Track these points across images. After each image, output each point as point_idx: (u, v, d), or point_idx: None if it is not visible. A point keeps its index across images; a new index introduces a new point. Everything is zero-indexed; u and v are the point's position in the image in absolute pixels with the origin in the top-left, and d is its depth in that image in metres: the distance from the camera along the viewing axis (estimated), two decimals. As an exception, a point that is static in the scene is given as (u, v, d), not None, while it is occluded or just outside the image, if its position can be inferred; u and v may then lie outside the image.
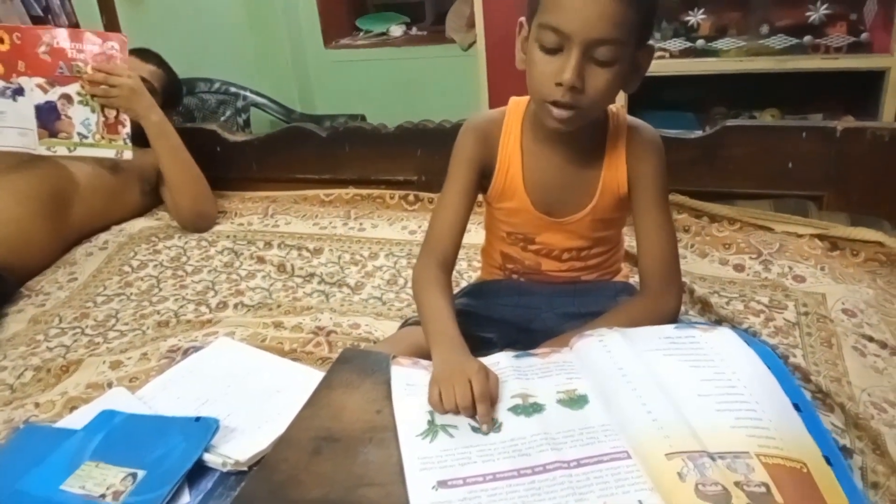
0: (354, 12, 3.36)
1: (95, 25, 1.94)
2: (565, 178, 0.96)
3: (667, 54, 2.13)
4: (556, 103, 0.84)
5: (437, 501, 0.66)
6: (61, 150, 1.57)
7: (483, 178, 1.00)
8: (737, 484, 0.62)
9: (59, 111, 1.54)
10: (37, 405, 1.09)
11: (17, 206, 1.53)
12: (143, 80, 1.75)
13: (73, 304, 1.42)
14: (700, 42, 2.12)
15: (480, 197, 1.05)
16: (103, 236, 1.66)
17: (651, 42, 0.90)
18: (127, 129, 1.58)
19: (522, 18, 0.88)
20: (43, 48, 1.52)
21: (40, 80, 1.53)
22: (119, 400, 1.06)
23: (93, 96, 1.54)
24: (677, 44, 2.14)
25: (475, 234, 1.48)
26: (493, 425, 0.74)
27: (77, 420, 1.02)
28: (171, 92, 1.91)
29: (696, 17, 2.10)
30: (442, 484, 0.67)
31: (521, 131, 0.97)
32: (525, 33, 0.88)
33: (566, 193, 0.97)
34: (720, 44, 2.11)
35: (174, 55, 1.89)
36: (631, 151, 0.95)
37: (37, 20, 1.75)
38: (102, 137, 1.57)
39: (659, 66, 2.04)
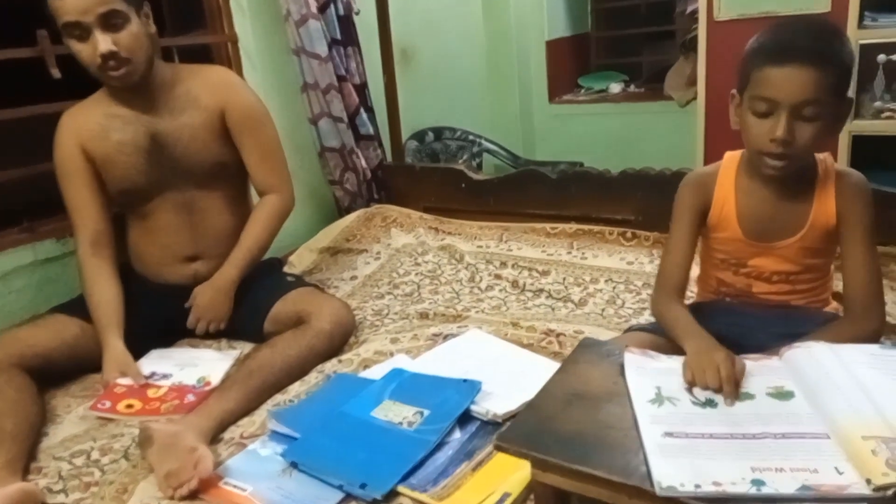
0: (577, 71, 3.69)
1: (378, 81, 2.40)
2: (776, 211, 1.14)
3: (895, 115, 2.15)
4: (770, 154, 1.05)
5: (664, 443, 0.87)
6: None
7: (702, 218, 1.21)
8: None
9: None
10: (339, 361, 1.46)
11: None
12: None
13: (355, 296, 1.83)
14: (932, 103, 2.12)
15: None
16: (376, 247, 2.08)
17: (850, 95, 1.08)
18: None
19: (734, 91, 1.11)
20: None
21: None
22: (403, 362, 1.40)
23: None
24: (907, 104, 2.15)
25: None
26: (734, 401, 0.93)
27: (373, 373, 1.37)
28: None
29: (929, 78, 2.10)
30: (668, 434, 0.88)
31: (736, 175, 1.17)
32: (737, 102, 1.11)
33: (776, 223, 1.15)
34: (955, 105, 2.09)
35: (432, 105, 2.30)
36: (840, 192, 1.12)
37: (340, 79, 2.22)
38: None
39: (884, 126, 2.07)
